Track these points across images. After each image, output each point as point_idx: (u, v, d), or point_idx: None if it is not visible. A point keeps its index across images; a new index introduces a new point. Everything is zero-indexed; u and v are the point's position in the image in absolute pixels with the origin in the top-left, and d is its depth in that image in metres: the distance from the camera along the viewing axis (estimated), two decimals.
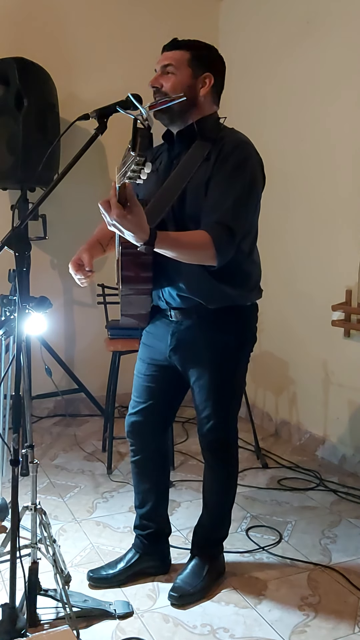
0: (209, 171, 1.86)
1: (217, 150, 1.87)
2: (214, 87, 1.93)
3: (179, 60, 1.89)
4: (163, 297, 2.01)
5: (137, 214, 1.64)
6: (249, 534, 2.54)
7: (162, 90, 1.89)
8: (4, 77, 3.12)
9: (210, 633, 1.97)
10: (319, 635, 1.97)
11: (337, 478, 3.07)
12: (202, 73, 1.90)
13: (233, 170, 1.84)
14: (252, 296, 2.04)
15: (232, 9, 3.88)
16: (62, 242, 3.74)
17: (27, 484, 2.11)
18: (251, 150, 1.90)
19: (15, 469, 1.72)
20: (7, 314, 2.04)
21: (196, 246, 1.80)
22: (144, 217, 1.66)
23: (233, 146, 1.87)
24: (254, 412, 3.62)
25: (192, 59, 1.89)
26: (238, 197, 1.83)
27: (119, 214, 1.61)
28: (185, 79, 1.89)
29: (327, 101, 3.13)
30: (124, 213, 1.61)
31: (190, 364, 2.05)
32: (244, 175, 1.85)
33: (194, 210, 1.88)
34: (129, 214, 1.62)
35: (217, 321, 1.98)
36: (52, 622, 1.95)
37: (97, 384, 3.75)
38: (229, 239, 1.81)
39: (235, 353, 2.04)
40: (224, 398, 2.06)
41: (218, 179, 1.85)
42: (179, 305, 2.00)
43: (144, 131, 1.49)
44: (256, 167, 1.90)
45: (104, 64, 3.70)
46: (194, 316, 1.99)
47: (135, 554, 2.24)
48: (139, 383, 2.17)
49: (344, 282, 3.05)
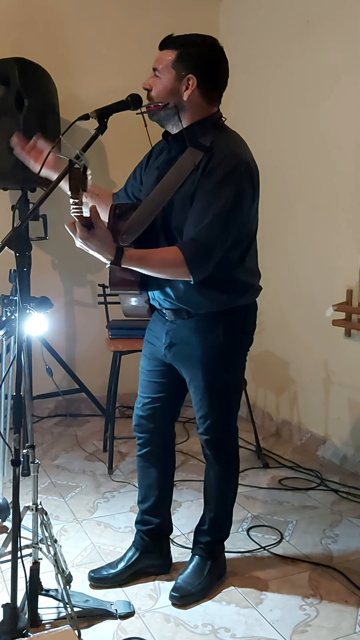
0: (195, 182, 1.84)
1: (206, 160, 1.84)
2: (202, 88, 1.85)
3: (164, 62, 1.85)
4: (155, 297, 2.03)
5: (101, 236, 1.71)
6: (250, 533, 2.54)
7: (151, 94, 1.88)
8: (5, 78, 3.12)
9: (211, 633, 1.97)
10: (320, 635, 1.97)
11: (338, 478, 3.07)
12: (185, 75, 1.83)
13: (217, 185, 1.81)
14: (243, 299, 2.03)
15: (231, 9, 3.88)
16: (62, 242, 3.71)
17: (28, 484, 2.11)
18: (240, 162, 1.84)
19: (17, 469, 1.72)
20: (8, 314, 2.04)
21: (166, 264, 1.82)
22: (109, 238, 1.73)
23: (221, 158, 1.83)
24: (254, 411, 3.62)
25: (177, 59, 1.83)
26: (218, 213, 1.80)
27: (82, 237, 1.69)
28: (168, 83, 1.85)
29: (327, 100, 3.13)
30: (87, 235, 1.69)
31: (184, 363, 2.06)
32: (229, 190, 1.81)
33: (181, 221, 1.87)
34: (92, 237, 1.69)
35: (208, 321, 1.99)
36: (54, 622, 1.96)
37: (98, 384, 3.75)
38: (203, 256, 1.81)
39: (228, 353, 2.04)
40: (219, 398, 2.06)
41: (202, 193, 1.83)
42: (170, 306, 2.01)
43: (77, 172, 1.57)
44: (243, 180, 1.84)
45: (104, 64, 3.70)
46: (185, 316, 2.00)
47: (136, 552, 2.24)
48: (143, 379, 2.19)
49: (345, 282, 3.05)
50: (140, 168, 2.11)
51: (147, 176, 2.05)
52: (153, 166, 2.04)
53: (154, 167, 2.03)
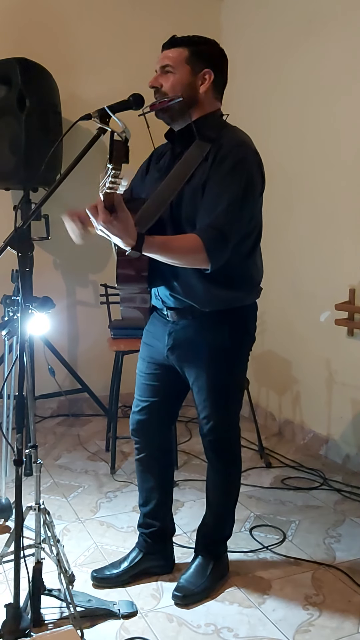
0: (206, 173, 1.85)
1: (215, 151, 1.86)
2: (214, 83, 1.91)
3: (177, 59, 1.87)
4: (159, 295, 2.02)
5: (124, 219, 1.64)
6: (252, 533, 2.54)
7: (162, 90, 1.89)
8: (6, 78, 3.13)
9: (214, 632, 1.97)
10: (323, 635, 1.97)
11: (341, 477, 3.07)
12: (201, 69, 1.88)
13: (228, 173, 1.83)
14: (249, 298, 2.03)
15: (233, 8, 3.87)
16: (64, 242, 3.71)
17: (30, 484, 2.11)
18: (248, 152, 1.88)
19: (19, 469, 1.73)
20: (11, 314, 2.04)
21: (187, 250, 1.80)
22: (131, 222, 1.67)
23: (230, 147, 1.85)
24: (257, 411, 3.62)
25: (191, 55, 1.87)
26: (233, 200, 1.81)
27: (105, 220, 1.62)
28: (184, 77, 1.88)
29: (330, 99, 3.13)
30: (110, 219, 1.62)
31: (187, 364, 2.05)
32: (240, 177, 1.83)
33: (191, 213, 1.87)
34: (115, 220, 1.63)
35: (212, 322, 1.98)
36: (56, 621, 1.96)
37: (100, 384, 3.75)
38: (221, 242, 1.80)
39: (232, 353, 2.04)
40: (222, 398, 2.06)
41: (213, 182, 1.84)
42: (174, 305, 2.00)
43: (120, 144, 1.51)
44: (253, 169, 1.88)
45: (106, 64, 3.70)
46: (189, 317, 1.99)
47: (139, 553, 2.24)
48: (140, 382, 2.17)
49: (347, 281, 3.05)
50: (141, 173, 2.11)
51: (149, 178, 2.05)
52: (154, 169, 2.05)
53: (156, 169, 2.04)
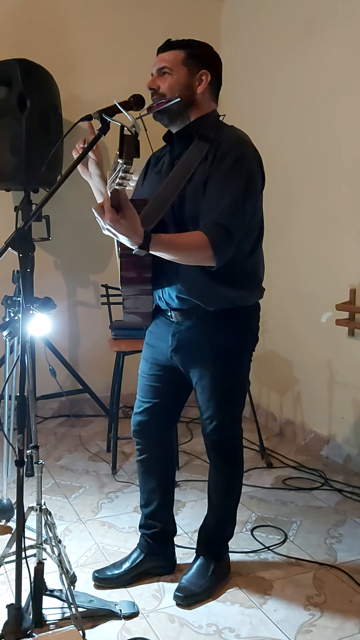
0: (206, 171, 1.86)
1: (214, 150, 1.87)
2: (211, 84, 1.93)
3: (174, 61, 1.89)
4: (163, 297, 2.02)
5: (130, 218, 1.64)
6: (254, 533, 2.54)
7: (160, 91, 1.90)
8: (7, 79, 3.13)
9: (215, 633, 1.97)
10: (324, 635, 1.96)
11: (342, 477, 3.07)
12: (198, 70, 1.90)
13: (229, 169, 1.84)
14: (253, 297, 2.04)
15: (233, 9, 3.87)
16: (65, 242, 3.75)
17: (32, 485, 2.11)
18: (248, 148, 1.89)
19: (21, 470, 1.73)
20: (12, 314, 2.04)
21: (192, 247, 1.80)
22: (138, 221, 1.67)
23: (230, 144, 1.86)
24: (258, 411, 3.62)
25: (187, 57, 1.89)
26: (235, 196, 1.82)
27: (112, 218, 1.62)
28: (181, 78, 1.89)
29: (330, 100, 3.13)
30: (117, 217, 1.62)
31: (192, 365, 2.05)
32: (241, 172, 1.84)
33: (193, 211, 1.87)
34: (122, 219, 1.62)
35: (217, 322, 1.98)
36: (58, 622, 1.95)
37: (102, 385, 3.76)
38: (226, 239, 1.80)
39: (236, 353, 2.04)
40: (226, 398, 2.06)
41: (215, 179, 1.85)
42: (178, 306, 2.00)
43: (130, 138, 1.50)
44: (253, 165, 1.89)
45: (106, 65, 3.71)
46: (194, 317, 1.99)
47: (140, 554, 2.24)
48: (143, 383, 2.17)
49: (348, 281, 3.05)
50: (141, 177, 2.11)
51: (148, 182, 2.06)
52: (153, 172, 2.05)
53: (154, 172, 2.04)
